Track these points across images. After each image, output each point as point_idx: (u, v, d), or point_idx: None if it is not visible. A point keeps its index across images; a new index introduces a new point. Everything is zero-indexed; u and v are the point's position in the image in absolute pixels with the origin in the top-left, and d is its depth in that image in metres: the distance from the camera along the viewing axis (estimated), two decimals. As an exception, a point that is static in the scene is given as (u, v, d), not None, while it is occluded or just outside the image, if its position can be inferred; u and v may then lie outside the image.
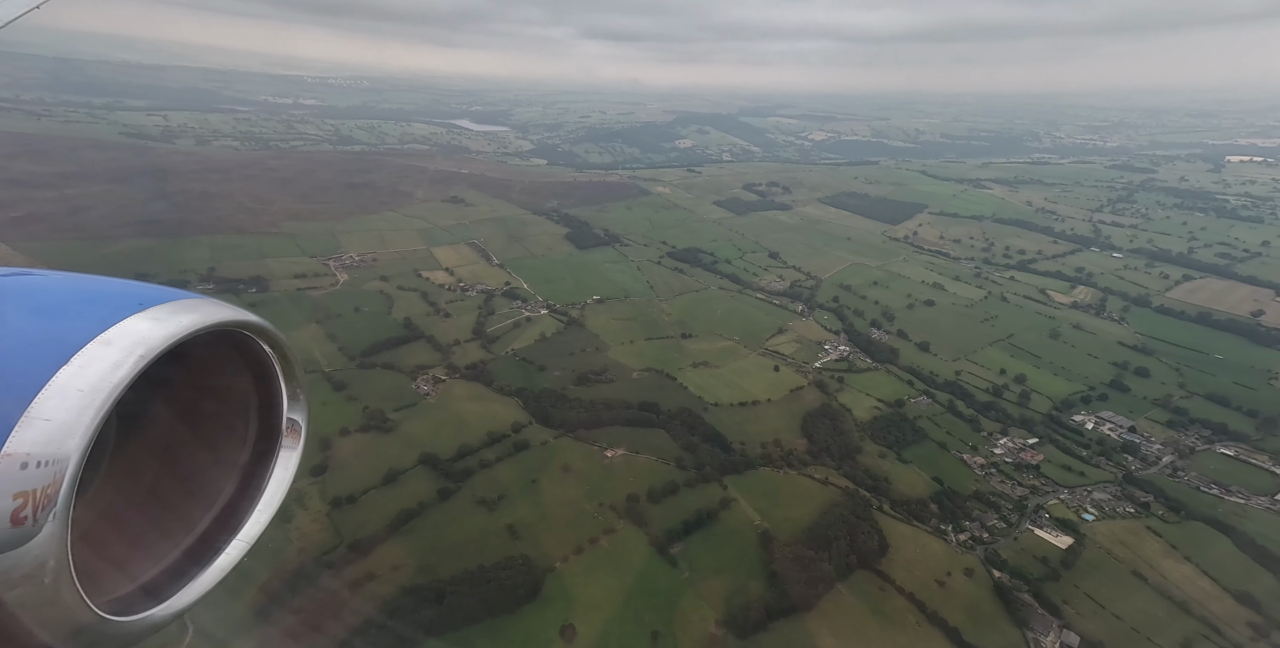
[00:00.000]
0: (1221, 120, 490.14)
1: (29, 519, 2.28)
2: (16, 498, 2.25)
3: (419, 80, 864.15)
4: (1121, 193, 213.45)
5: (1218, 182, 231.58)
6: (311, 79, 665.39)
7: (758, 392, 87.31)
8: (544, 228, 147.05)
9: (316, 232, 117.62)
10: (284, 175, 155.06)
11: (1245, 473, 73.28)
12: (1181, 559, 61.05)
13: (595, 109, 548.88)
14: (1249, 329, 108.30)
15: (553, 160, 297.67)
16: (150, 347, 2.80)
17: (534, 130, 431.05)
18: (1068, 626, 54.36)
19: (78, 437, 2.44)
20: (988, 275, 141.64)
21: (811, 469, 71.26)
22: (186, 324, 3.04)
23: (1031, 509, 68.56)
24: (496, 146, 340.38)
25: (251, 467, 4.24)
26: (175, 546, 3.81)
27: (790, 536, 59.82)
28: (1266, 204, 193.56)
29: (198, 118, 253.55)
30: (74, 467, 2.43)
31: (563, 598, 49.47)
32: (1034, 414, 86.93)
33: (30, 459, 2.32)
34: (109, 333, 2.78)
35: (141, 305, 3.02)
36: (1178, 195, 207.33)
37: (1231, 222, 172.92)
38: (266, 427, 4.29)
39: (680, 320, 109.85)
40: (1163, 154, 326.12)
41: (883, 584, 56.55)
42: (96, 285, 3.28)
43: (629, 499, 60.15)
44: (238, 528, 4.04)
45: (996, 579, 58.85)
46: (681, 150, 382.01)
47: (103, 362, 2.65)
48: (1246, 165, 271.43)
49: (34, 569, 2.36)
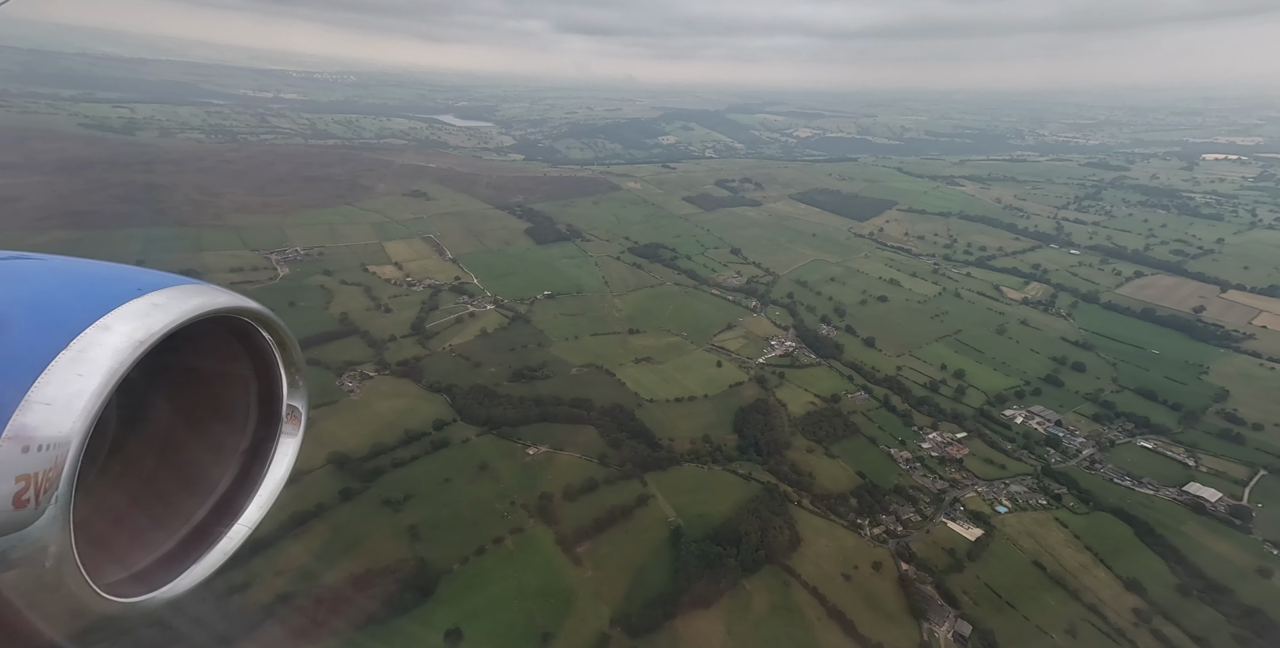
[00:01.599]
0: (1205, 118, 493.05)
1: (31, 502, 2.31)
2: (19, 481, 2.27)
3: (408, 76, 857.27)
4: (1090, 190, 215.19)
5: (1188, 179, 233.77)
6: (297, 73, 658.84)
7: (696, 388, 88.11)
8: (504, 223, 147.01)
9: (264, 225, 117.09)
10: (240, 168, 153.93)
11: (1159, 465, 74.86)
12: (1082, 549, 62.51)
13: (582, 105, 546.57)
14: (1189, 325, 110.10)
15: (533, 156, 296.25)
16: (149, 332, 2.81)
17: (518, 126, 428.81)
18: (964, 616, 55.63)
19: (78, 421, 2.46)
20: (945, 272, 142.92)
21: (737, 465, 71.98)
22: (185, 310, 3.04)
23: (948, 503, 69.79)
24: (476, 142, 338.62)
25: (252, 453, 4.25)
26: (177, 529, 3.84)
27: (702, 532, 60.29)
28: (1230, 202, 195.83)
29: (167, 111, 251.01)
30: (75, 450, 2.45)
31: (455, 601, 49.04)
32: (967, 409, 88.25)
33: (32, 443, 2.34)
34: (107, 318, 2.78)
35: (140, 291, 3.01)
36: (1145, 193, 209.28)
37: (1192, 219, 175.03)
38: (266, 413, 4.29)
39: (630, 316, 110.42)
40: (1141, 152, 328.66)
41: (788, 579, 57.11)
42: (95, 270, 3.28)
43: (542, 498, 60.42)
44: (238, 513, 4.06)
45: (903, 572, 59.93)
46: (665, 147, 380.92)
47: (102, 347, 2.65)
48: (1220, 163, 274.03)
49: (37, 551, 2.40)
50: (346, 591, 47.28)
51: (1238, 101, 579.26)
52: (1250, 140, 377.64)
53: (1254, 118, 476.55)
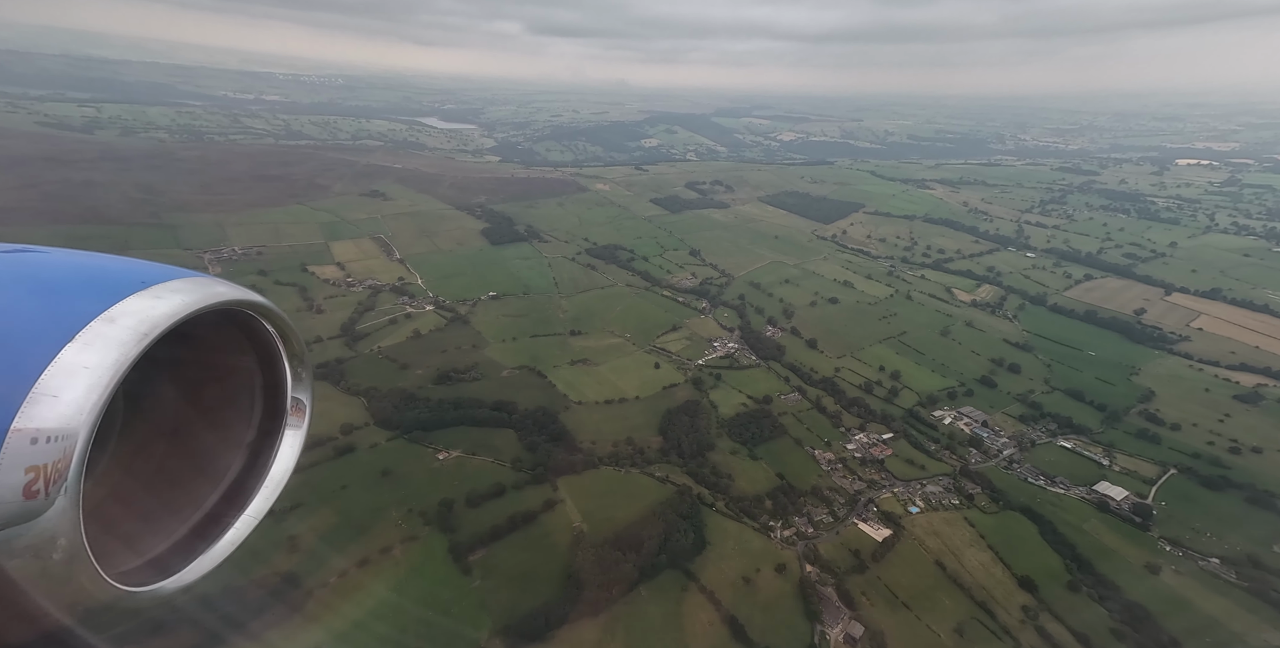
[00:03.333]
0: (1187, 124, 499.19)
1: (41, 493, 2.35)
2: (28, 472, 2.31)
3: (399, 79, 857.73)
4: (1056, 194, 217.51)
5: (1155, 184, 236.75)
6: (284, 76, 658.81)
7: (629, 389, 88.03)
8: (461, 223, 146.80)
9: (202, 223, 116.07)
10: (192, 167, 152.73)
11: (1075, 464, 75.38)
12: (984, 548, 62.79)
13: (569, 108, 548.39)
14: (1128, 327, 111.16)
15: (511, 158, 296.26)
16: (154, 325, 2.83)
17: (501, 128, 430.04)
18: (858, 617, 55.65)
19: (85, 413, 2.50)
20: (900, 274, 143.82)
21: (656, 468, 71.45)
22: (190, 302, 3.08)
23: (863, 504, 69.97)
24: (455, 144, 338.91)
25: (258, 445, 4.31)
26: (184, 521, 3.89)
27: (605, 537, 59.40)
28: (1191, 206, 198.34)
29: (135, 110, 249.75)
30: (83, 441, 2.49)
31: (323, 618, 47.25)
32: (897, 410, 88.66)
33: (40, 434, 2.37)
34: (112, 310, 2.81)
35: (144, 283, 3.06)
36: (1110, 197, 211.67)
37: (1150, 223, 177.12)
38: (272, 406, 4.35)
39: (576, 317, 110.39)
40: (1117, 157, 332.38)
41: (687, 584, 56.46)
42: (99, 263, 3.32)
43: (441, 504, 59.18)
44: (244, 505, 4.10)
45: (806, 574, 59.74)
46: (646, 149, 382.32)
47: (107, 339, 2.68)
48: (1191, 168, 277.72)
49: (48, 541, 2.43)
50: (195, 612, 45.45)
51: (1221, 107, 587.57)
52: (1226, 146, 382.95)
53: (1234, 124, 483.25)
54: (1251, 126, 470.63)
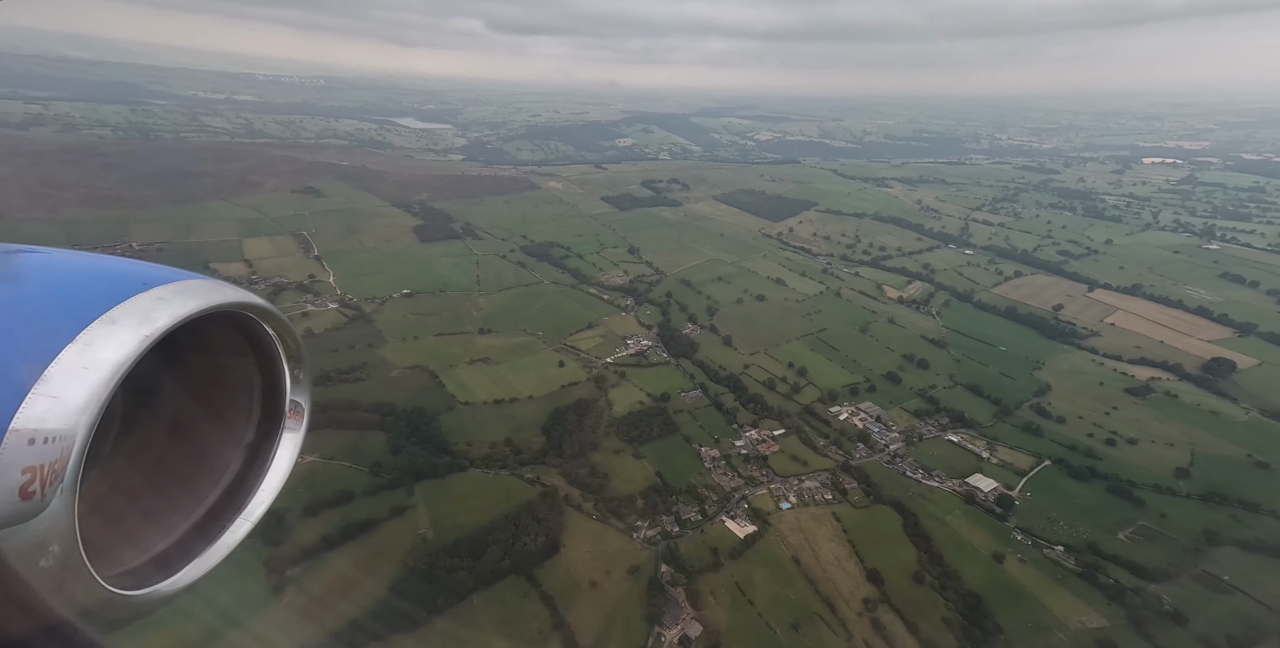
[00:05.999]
0: (1165, 123, 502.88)
1: (37, 494, 2.31)
2: (25, 472, 2.28)
3: (384, 80, 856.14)
4: (1011, 193, 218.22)
5: (1113, 183, 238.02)
6: (264, 77, 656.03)
7: (526, 388, 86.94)
8: (395, 220, 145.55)
9: (104, 219, 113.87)
10: (113, 162, 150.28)
11: (956, 457, 74.99)
12: (844, 542, 62.20)
13: (549, 108, 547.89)
14: (1043, 322, 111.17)
15: (478, 157, 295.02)
16: (155, 326, 2.81)
17: (476, 128, 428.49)
18: (699, 617, 54.73)
19: (85, 413, 2.46)
20: (835, 271, 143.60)
21: (530, 469, 69.90)
22: (191, 305, 3.05)
23: (735, 501, 69.26)
24: (425, 143, 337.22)
25: (255, 447, 4.31)
26: (180, 523, 3.86)
27: (450, 543, 57.38)
28: (1139, 204, 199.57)
29: (87, 108, 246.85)
30: (81, 442, 2.46)
31: None
32: (795, 406, 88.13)
33: (38, 435, 2.34)
34: (114, 311, 2.79)
35: (146, 285, 3.03)
36: (1061, 195, 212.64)
37: (1092, 221, 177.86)
38: (270, 408, 4.34)
39: (490, 316, 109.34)
40: (1087, 156, 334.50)
41: (527, 590, 54.82)
42: (102, 263, 3.28)
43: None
44: (241, 507, 4.13)
45: (659, 574, 58.57)
46: (620, 149, 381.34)
47: (108, 340, 2.66)
48: (1154, 167, 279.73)
49: (42, 543, 2.38)
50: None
51: (1206, 107, 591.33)
52: (1197, 145, 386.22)
53: (1210, 123, 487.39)
54: (1227, 125, 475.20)
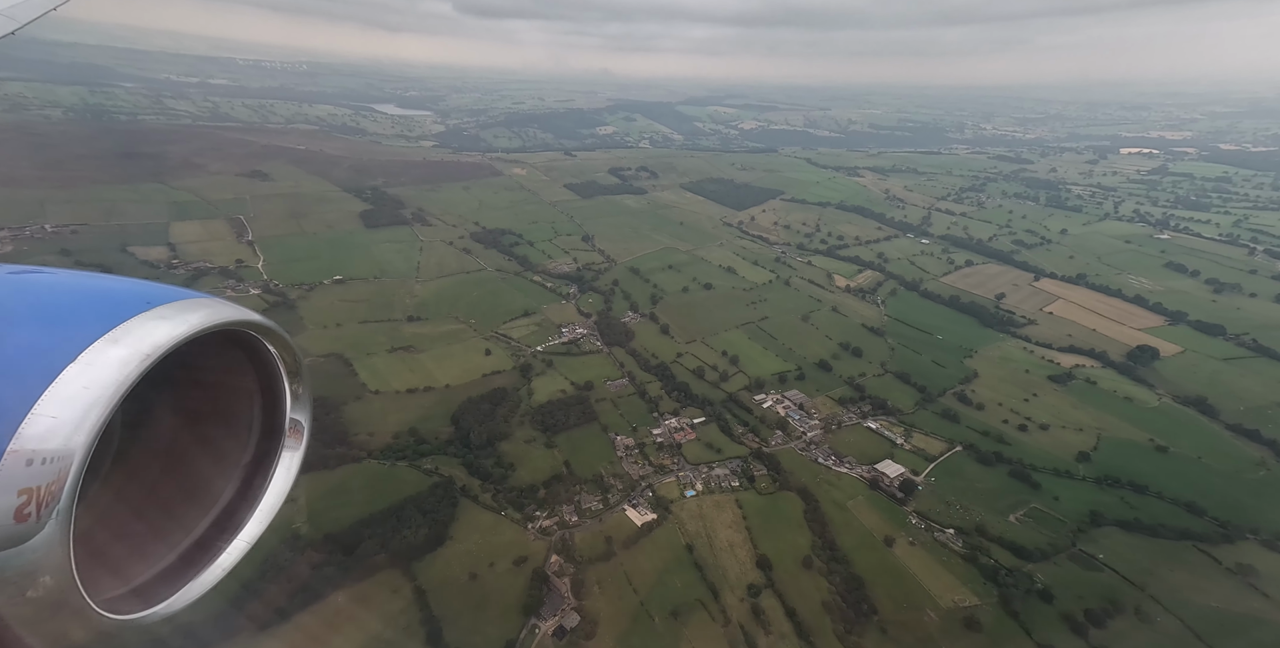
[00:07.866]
0: (1152, 113, 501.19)
1: (33, 516, 2.28)
2: (21, 494, 2.25)
3: (370, 66, 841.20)
4: (979, 182, 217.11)
5: (1084, 173, 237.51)
6: (244, 61, 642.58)
7: (446, 377, 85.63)
8: (342, 205, 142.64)
9: (20, 199, 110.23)
10: (45, 142, 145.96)
11: (871, 444, 74.65)
12: (742, 529, 61.85)
13: (534, 96, 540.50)
14: (983, 311, 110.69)
15: (452, 144, 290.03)
16: (156, 346, 2.80)
17: (456, 115, 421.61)
18: (579, 608, 54.07)
19: (83, 434, 2.43)
20: (787, 260, 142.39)
21: (431, 459, 68.70)
22: (193, 323, 3.04)
23: (640, 490, 68.60)
24: (400, 129, 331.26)
25: (254, 466, 4.22)
26: (178, 543, 3.76)
27: (323, 536, 56.08)
28: (1106, 194, 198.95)
29: (42, 89, 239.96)
30: (78, 464, 2.42)
31: None
32: (721, 395, 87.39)
33: (36, 456, 2.31)
34: (116, 331, 2.77)
35: (149, 304, 3.01)
36: (1027, 185, 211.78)
37: (1053, 210, 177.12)
38: (269, 426, 4.27)
39: (423, 303, 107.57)
40: (1068, 146, 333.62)
41: (400, 584, 53.81)
42: (105, 283, 3.25)
43: None
44: (239, 528, 4.02)
45: (548, 565, 57.75)
46: (600, 137, 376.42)
47: (109, 360, 2.63)
48: (1129, 157, 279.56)
49: (36, 566, 2.34)
50: None
51: (1196, 96, 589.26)
52: (1179, 135, 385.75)
53: (1197, 113, 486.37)
54: (1212, 116, 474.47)
